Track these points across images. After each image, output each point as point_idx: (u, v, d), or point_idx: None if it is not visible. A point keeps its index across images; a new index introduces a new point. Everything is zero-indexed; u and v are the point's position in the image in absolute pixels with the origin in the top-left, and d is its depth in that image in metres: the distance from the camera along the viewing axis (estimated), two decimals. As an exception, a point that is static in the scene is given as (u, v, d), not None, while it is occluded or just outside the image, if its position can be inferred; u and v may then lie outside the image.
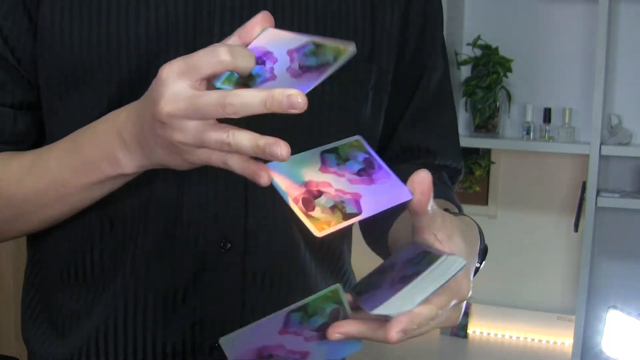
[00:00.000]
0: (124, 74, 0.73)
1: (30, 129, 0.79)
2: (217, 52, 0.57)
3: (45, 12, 0.73)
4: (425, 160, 0.92)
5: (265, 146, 0.56)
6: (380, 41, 0.82)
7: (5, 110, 0.77)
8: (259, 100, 0.55)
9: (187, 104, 0.57)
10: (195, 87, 0.57)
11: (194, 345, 0.78)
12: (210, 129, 0.58)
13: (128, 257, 0.77)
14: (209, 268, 0.77)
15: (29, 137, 0.79)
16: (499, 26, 2.42)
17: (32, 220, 0.77)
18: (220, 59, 0.57)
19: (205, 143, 0.58)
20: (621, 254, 2.37)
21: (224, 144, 0.57)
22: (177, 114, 0.57)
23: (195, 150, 0.60)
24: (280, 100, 0.54)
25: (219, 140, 0.58)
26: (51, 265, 0.82)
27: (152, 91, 0.60)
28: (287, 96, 0.54)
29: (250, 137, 0.57)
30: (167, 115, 0.58)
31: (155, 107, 0.58)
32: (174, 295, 0.77)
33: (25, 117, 0.78)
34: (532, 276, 2.50)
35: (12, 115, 0.77)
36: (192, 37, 0.74)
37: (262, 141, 0.56)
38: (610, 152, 2.18)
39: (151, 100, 0.59)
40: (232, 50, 0.57)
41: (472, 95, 2.39)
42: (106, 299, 0.78)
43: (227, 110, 0.55)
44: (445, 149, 0.94)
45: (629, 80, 2.31)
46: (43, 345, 0.83)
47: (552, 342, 2.44)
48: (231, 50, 0.57)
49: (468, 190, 2.54)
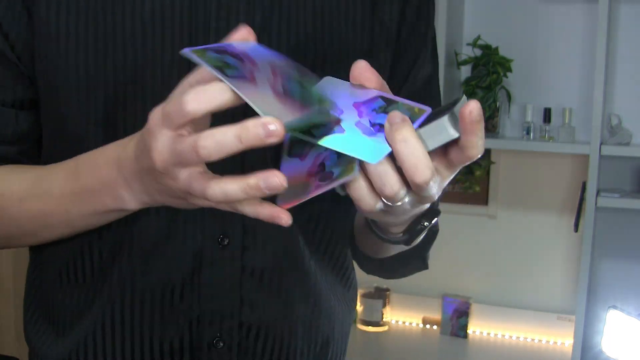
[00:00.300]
0: (119, 70, 0.73)
1: (32, 127, 0.78)
2: (183, 102, 0.53)
3: (41, 6, 0.73)
4: None
5: (258, 183, 0.53)
6: (379, 36, 0.82)
7: (7, 110, 0.76)
8: (232, 136, 0.51)
9: (169, 154, 0.56)
10: (178, 133, 0.55)
11: (192, 342, 0.78)
12: (194, 179, 0.56)
13: (125, 254, 0.77)
14: (207, 264, 0.77)
15: (31, 135, 0.79)
16: (499, 26, 2.43)
17: (35, 237, 0.78)
18: (187, 111, 0.53)
19: (194, 193, 0.57)
20: (621, 254, 2.37)
21: (213, 197, 0.55)
22: (167, 164, 0.56)
23: (194, 197, 0.59)
24: (255, 132, 0.51)
25: (202, 192, 0.55)
26: (51, 266, 0.82)
27: (144, 140, 0.59)
28: (262, 125, 0.50)
29: (236, 182, 0.54)
30: (160, 166, 0.57)
31: (149, 159, 0.58)
32: (171, 292, 0.77)
33: (27, 116, 0.78)
34: (532, 276, 2.50)
35: (14, 115, 0.77)
36: (188, 34, 0.74)
37: (253, 180, 0.53)
38: (610, 152, 2.18)
39: (145, 150, 0.59)
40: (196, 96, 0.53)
41: (472, 95, 2.39)
42: (104, 297, 0.78)
43: (202, 154, 0.53)
44: None
45: (629, 80, 2.31)
46: (43, 344, 0.83)
47: (552, 342, 2.44)
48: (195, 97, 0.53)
49: (468, 190, 2.54)
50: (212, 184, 0.55)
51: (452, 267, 2.55)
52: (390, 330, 2.60)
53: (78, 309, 0.80)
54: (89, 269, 0.79)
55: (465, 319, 2.50)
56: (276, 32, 0.76)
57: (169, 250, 0.77)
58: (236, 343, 0.79)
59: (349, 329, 0.93)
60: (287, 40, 0.77)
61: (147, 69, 0.73)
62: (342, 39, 0.79)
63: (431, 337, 2.54)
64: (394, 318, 2.65)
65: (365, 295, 2.57)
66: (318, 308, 0.85)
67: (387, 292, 2.60)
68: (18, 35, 0.75)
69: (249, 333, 0.80)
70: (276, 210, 0.57)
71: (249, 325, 0.80)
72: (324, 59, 0.78)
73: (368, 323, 2.58)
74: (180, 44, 0.73)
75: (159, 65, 0.73)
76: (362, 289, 2.56)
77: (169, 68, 0.73)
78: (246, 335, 0.80)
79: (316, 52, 0.78)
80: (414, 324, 2.63)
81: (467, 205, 2.56)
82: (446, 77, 2.34)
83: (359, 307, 2.57)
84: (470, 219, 2.56)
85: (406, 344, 2.49)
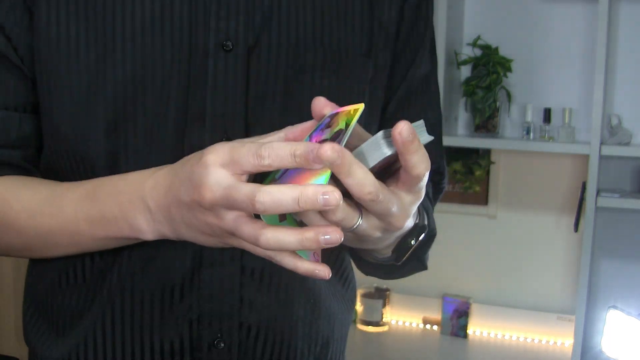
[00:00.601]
0: (118, 71, 0.73)
1: (35, 131, 0.78)
2: (262, 155, 0.55)
3: (41, 8, 0.73)
4: None
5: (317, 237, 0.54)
6: (378, 37, 0.82)
7: (10, 114, 0.76)
8: (291, 199, 0.53)
9: (223, 194, 0.56)
10: (235, 176, 0.57)
11: (192, 343, 0.78)
12: (244, 223, 0.57)
13: (125, 254, 0.77)
14: (207, 265, 0.77)
15: (34, 139, 0.79)
16: (499, 26, 2.43)
17: (40, 253, 0.77)
18: (263, 164, 0.55)
19: (238, 235, 0.58)
20: (621, 254, 2.37)
21: (265, 244, 0.56)
22: (217, 204, 0.57)
23: (233, 237, 0.60)
24: (313, 199, 0.53)
25: (254, 238, 0.56)
26: (51, 267, 0.82)
27: (193, 174, 0.59)
28: (322, 194, 0.53)
29: (293, 234, 0.55)
30: (208, 203, 0.58)
31: (197, 192, 0.58)
32: (171, 292, 0.77)
33: (30, 120, 0.77)
34: (532, 276, 2.50)
35: (18, 119, 0.77)
36: (188, 34, 0.74)
37: (311, 234, 0.55)
38: (610, 152, 2.18)
39: (192, 183, 0.59)
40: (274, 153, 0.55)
41: (472, 95, 2.39)
42: (103, 297, 0.78)
43: (257, 208, 0.54)
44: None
45: (629, 80, 2.31)
46: (43, 345, 0.83)
47: (552, 342, 2.44)
48: (273, 154, 0.55)
49: (468, 190, 2.54)
50: (267, 232, 0.56)
51: (452, 267, 2.55)
52: (390, 331, 2.60)
53: (78, 310, 0.80)
54: (89, 270, 0.79)
55: (465, 319, 2.50)
56: (276, 32, 0.76)
57: (168, 251, 0.76)
58: (236, 343, 0.79)
59: (348, 328, 0.93)
60: (287, 40, 0.77)
61: (147, 70, 0.73)
62: (342, 39, 0.79)
63: (431, 337, 2.54)
64: (394, 318, 2.65)
65: (365, 295, 2.57)
66: (318, 308, 0.85)
67: (387, 292, 2.60)
68: (20, 38, 0.74)
69: (249, 333, 0.80)
70: (317, 265, 0.58)
71: (249, 325, 0.80)
72: (323, 59, 0.78)
73: (368, 323, 2.58)
74: (180, 44, 0.73)
75: (159, 65, 0.73)
76: (362, 289, 2.56)
77: (169, 68, 0.73)
78: (246, 335, 0.80)
79: (315, 53, 0.78)
80: (414, 324, 2.63)
81: (467, 205, 2.56)
82: (446, 77, 2.34)
83: (359, 307, 2.57)
84: (470, 219, 2.56)
85: (406, 344, 2.49)
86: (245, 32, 0.75)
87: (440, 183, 0.96)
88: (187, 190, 0.60)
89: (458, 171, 2.52)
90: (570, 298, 2.42)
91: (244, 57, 0.74)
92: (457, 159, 2.51)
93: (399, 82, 0.87)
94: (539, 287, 2.50)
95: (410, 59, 0.87)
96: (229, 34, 0.74)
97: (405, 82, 0.87)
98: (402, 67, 0.86)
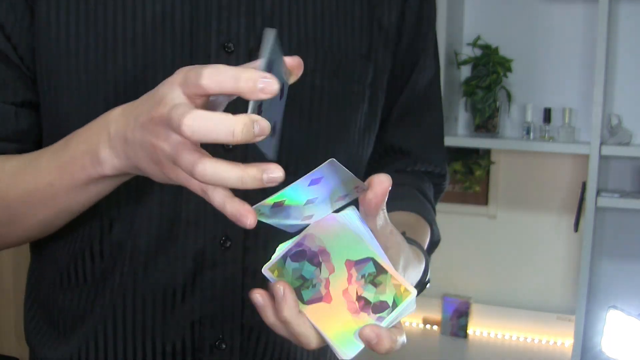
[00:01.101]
0: (119, 71, 0.73)
1: (32, 127, 0.78)
2: (201, 75, 0.53)
3: (42, 8, 0.73)
4: (405, 163, 0.92)
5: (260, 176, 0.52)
6: (378, 39, 0.82)
7: (7, 108, 0.76)
8: (224, 126, 0.50)
9: (167, 110, 0.54)
10: (187, 98, 0.54)
11: (194, 344, 0.78)
12: (186, 149, 0.54)
13: (127, 256, 0.77)
14: (209, 266, 0.77)
15: (31, 135, 0.78)
16: (499, 26, 2.43)
17: (25, 223, 0.75)
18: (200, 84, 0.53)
19: (177, 161, 0.55)
20: (621, 254, 2.37)
21: (201, 174, 0.52)
22: (162, 117, 0.55)
23: (174, 167, 0.57)
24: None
25: (191, 165, 0.53)
26: (52, 268, 0.82)
27: (157, 91, 0.58)
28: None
29: (234, 169, 0.52)
30: (158, 117, 0.55)
31: (155, 109, 0.56)
32: (173, 293, 0.77)
33: (27, 115, 0.77)
34: (532, 276, 2.50)
35: (14, 113, 0.76)
36: (189, 35, 0.74)
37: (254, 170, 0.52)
38: (610, 152, 2.18)
39: (154, 100, 0.58)
40: (216, 75, 0.53)
41: (472, 95, 2.39)
42: (105, 299, 0.78)
43: (183, 129, 0.51)
44: (427, 151, 0.93)
45: (629, 80, 2.31)
46: (44, 346, 0.83)
47: (552, 342, 2.44)
48: (213, 75, 0.52)
49: (468, 190, 2.54)
50: (206, 161, 0.53)
51: (452, 267, 2.55)
52: (390, 330, 2.60)
53: (79, 311, 0.80)
54: (90, 271, 0.79)
55: (465, 319, 2.50)
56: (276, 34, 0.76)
57: (170, 252, 0.76)
58: (238, 345, 0.79)
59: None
60: (288, 42, 0.77)
61: (148, 70, 0.73)
62: (342, 41, 0.80)
63: (431, 337, 2.55)
64: (394, 318, 2.65)
65: (365, 295, 2.57)
66: (319, 309, 0.85)
67: (387, 292, 2.60)
68: (21, 36, 0.74)
69: (251, 335, 0.80)
70: (244, 208, 0.54)
71: (251, 327, 0.80)
72: (324, 62, 0.78)
73: (368, 323, 2.58)
74: (182, 45, 0.73)
75: (160, 66, 0.73)
76: (362, 289, 2.56)
77: (170, 69, 0.73)
78: (248, 337, 0.80)
79: (316, 55, 0.78)
80: (414, 324, 2.63)
81: (467, 205, 2.56)
82: (446, 77, 2.34)
83: (359, 307, 2.57)
84: (470, 219, 2.56)
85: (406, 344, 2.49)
86: (247, 33, 0.75)
87: (442, 184, 0.96)
88: (147, 108, 0.57)
89: (458, 171, 2.52)
90: (570, 298, 2.42)
91: (245, 58, 0.74)
92: (457, 159, 2.51)
93: (401, 87, 0.87)
94: (538, 287, 2.50)
95: (413, 63, 0.87)
96: (231, 36, 0.74)
97: (407, 87, 0.87)
98: (405, 71, 0.86)
